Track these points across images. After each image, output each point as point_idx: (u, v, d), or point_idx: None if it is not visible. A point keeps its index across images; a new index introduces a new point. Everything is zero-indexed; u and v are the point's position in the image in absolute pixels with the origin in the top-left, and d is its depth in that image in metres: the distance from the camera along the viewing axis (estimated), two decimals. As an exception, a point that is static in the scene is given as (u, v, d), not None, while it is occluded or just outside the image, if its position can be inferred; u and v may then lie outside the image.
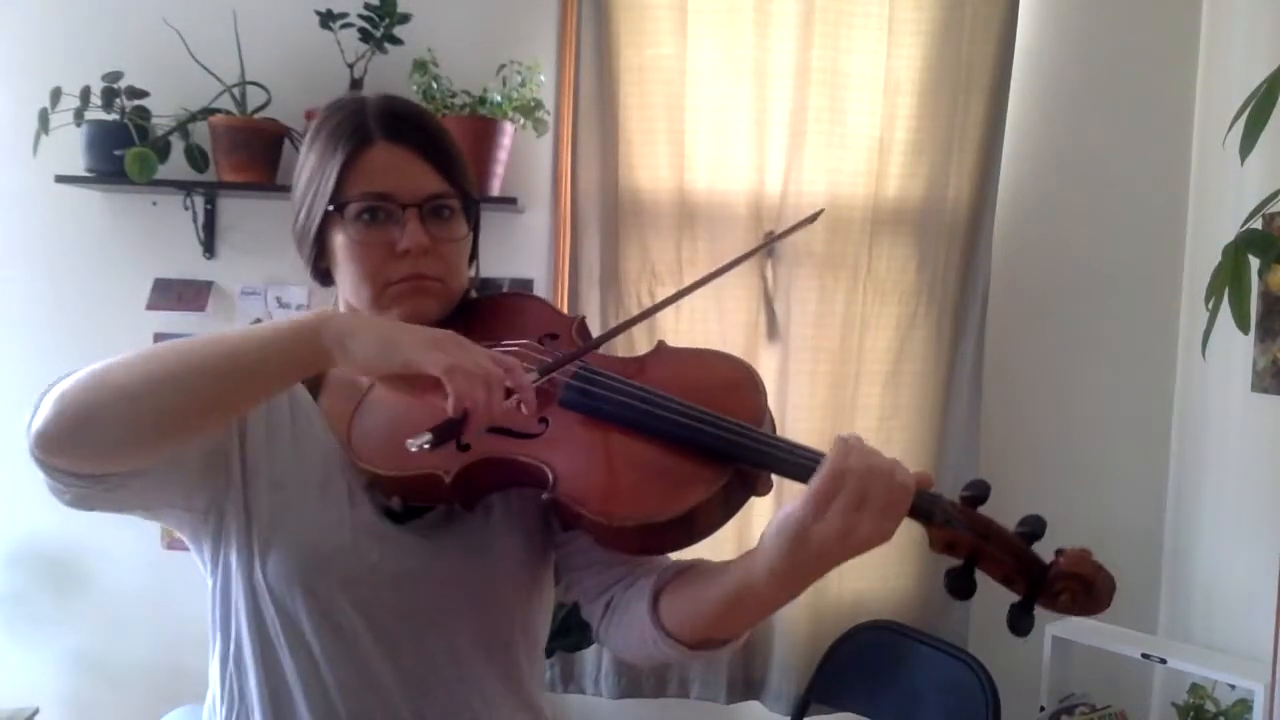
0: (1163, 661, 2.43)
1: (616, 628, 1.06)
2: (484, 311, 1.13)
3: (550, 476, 0.93)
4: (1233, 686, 2.36)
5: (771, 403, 3.02)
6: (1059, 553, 0.88)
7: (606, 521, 0.90)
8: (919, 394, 2.61)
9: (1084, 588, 0.87)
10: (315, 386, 1.09)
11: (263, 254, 2.52)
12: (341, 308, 1.10)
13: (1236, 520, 2.54)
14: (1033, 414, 2.74)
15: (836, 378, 2.57)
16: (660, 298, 2.53)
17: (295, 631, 1.01)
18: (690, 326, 2.55)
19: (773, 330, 2.58)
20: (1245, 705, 2.32)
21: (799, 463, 0.90)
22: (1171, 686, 2.65)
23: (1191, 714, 2.43)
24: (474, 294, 1.14)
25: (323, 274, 1.10)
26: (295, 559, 1.00)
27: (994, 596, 0.95)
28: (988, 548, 0.88)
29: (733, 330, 2.56)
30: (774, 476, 0.95)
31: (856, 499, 0.82)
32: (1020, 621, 0.89)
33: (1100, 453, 2.76)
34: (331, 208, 1.03)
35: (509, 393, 0.88)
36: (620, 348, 2.53)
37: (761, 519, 2.27)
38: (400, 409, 0.98)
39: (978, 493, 0.89)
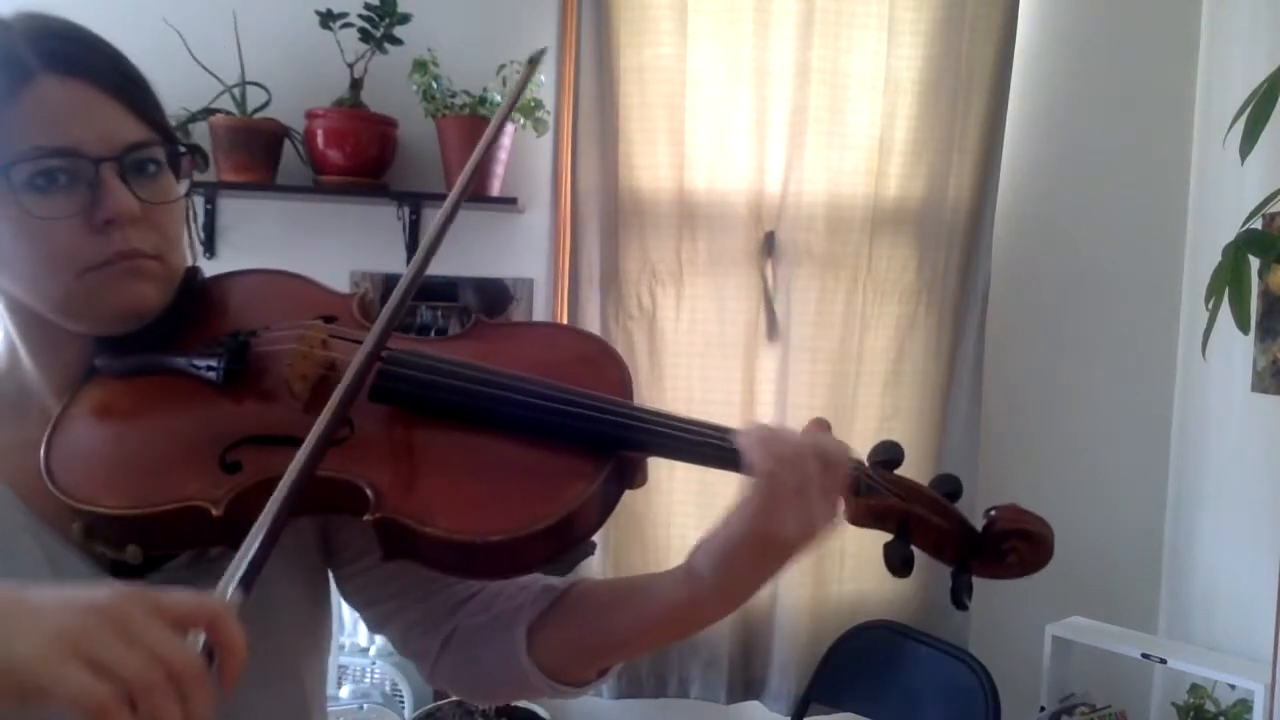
0: (1163, 661, 2.43)
1: (462, 662, 0.87)
2: (224, 296, 0.87)
3: (369, 493, 0.71)
4: (1233, 686, 2.36)
5: (771, 402, 3.02)
6: (990, 512, 0.79)
7: (465, 539, 0.70)
8: (919, 394, 2.61)
9: (1029, 543, 0.78)
10: None
11: (263, 254, 2.51)
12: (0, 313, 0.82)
13: (1236, 520, 2.54)
14: (1033, 414, 2.74)
15: (836, 378, 2.56)
16: (660, 298, 2.54)
17: None
18: (690, 326, 2.55)
19: (773, 330, 2.58)
20: (1245, 705, 2.32)
21: (698, 440, 0.75)
22: (1171, 686, 2.65)
23: (1191, 714, 2.44)
24: (202, 275, 0.88)
25: None
26: None
27: (994, 596, 0.93)
28: (916, 512, 0.78)
29: (733, 330, 2.56)
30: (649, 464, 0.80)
31: (802, 485, 0.72)
32: (964, 590, 0.80)
33: (1100, 452, 2.76)
34: None
35: (212, 656, 0.57)
36: (624, 352, 2.54)
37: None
38: (135, 421, 0.77)
39: (892, 455, 0.79)
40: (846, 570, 2.54)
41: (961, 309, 2.61)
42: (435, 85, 2.36)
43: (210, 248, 2.51)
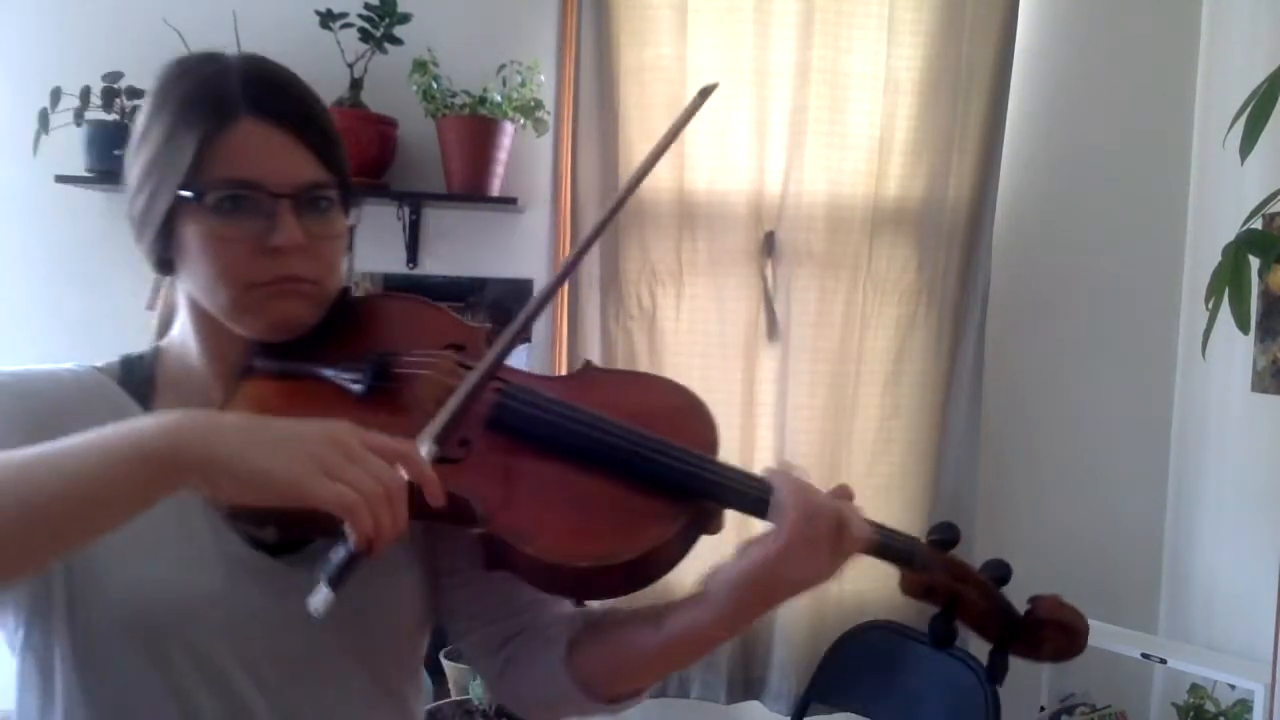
0: (1163, 661, 2.43)
1: (518, 682, 0.98)
2: (368, 315, 0.99)
3: (479, 508, 0.81)
4: (1233, 686, 2.36)
5: (771, 402, 3.01)
6: (1033, 600, 0.90)
7: (559, 560, 0.80)
8: (919, 394, 2.61)
9: (1066, 635, 0.89)
10: (144, 392, 0.95)
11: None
12: (182, 303, 0.96)
13: (1236, 520, 2.54)
14: (1033, 414, 2.74)
15: (836, 378, 2.56)
16: (660, 298, 2.54)
17: (168, 695, 0.86)
18: (690, 326, 2.55)
19: (773, 330, 2.58)
20: (1245, 705, 2.32)
21: (743, 491, 0.87)
22: (1171, 686, 2.65)
23: (1191, 714, 2.44)
24: (353, 291, 1.01)
25: (165, 262, 0.93)
26: (153, 608, 0.86)
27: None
28: (965, 592, 0.89)
29: (733, 330, 2.56)
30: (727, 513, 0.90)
31: (829, 541, 0.85)
32: (1000, 668, 0.90)
33: (1101, 453, 2.76)
34: (186, 194, 0.87)
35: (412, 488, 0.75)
36: (621, 356, 2.54)
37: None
38: (283, 418, 0.84)
39: (948, 536, 0.91)
40: (846, 570, 2.54)
41: (961, 309, 2.61)
42: (435, 85, 2.36)
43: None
